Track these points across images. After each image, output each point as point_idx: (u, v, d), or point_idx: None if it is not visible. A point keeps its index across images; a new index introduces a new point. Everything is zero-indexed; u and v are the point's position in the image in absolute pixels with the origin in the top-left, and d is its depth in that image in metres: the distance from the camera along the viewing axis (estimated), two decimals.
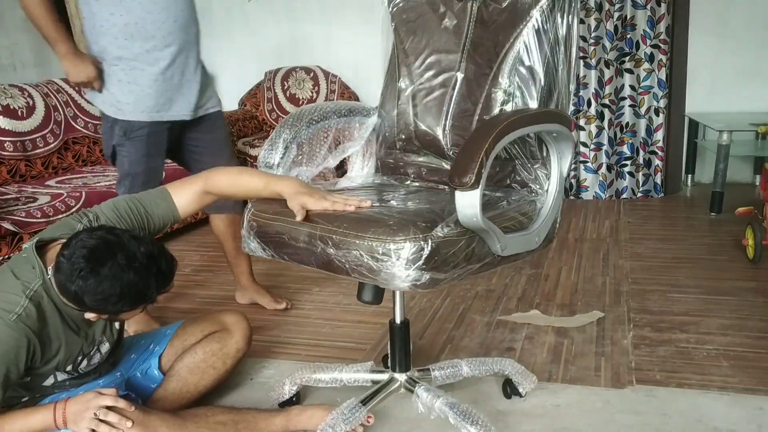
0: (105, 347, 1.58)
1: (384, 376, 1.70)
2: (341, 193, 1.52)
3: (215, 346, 1.73)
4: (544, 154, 1.55)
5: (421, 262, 1.24)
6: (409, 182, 1.75)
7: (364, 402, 1.58)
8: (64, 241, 1.38)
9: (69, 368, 1.50)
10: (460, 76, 1.67)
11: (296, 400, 1.79)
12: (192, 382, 1.70)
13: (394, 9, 1.81)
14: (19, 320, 1.34)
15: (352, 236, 1.30)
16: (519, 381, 1.76)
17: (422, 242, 1.25)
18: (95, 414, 1.38)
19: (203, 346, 1.73)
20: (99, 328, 1.54)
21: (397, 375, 1.67)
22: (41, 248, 1.44)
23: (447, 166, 1.69)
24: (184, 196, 1.60)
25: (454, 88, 1.68)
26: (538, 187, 1.55)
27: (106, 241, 1.34)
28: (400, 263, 1.24)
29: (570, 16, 1.54)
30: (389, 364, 1.70)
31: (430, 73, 1.72)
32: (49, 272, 1.38)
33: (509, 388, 1.78)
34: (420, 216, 1.34)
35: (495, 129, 1.28)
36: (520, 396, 1.76)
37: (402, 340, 1.66)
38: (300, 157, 1.66)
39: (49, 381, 1.50)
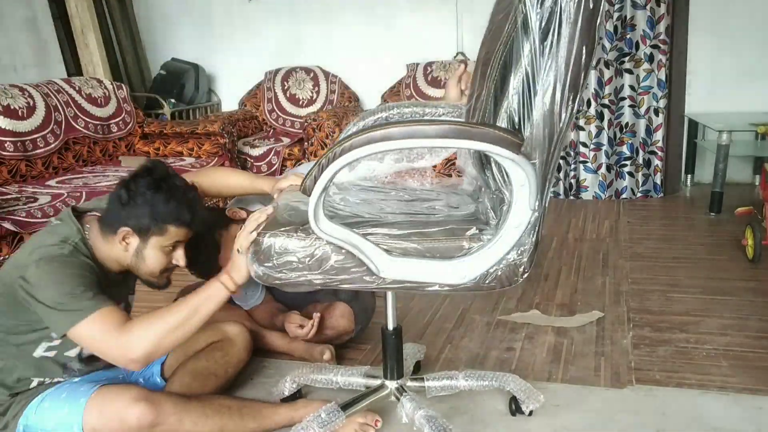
0: None
1: (375, 382, 1.69)
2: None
3: (218, 354, 1.77)
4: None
5: (258, 255, 1.33)
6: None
7: (344, 407, 1.57)
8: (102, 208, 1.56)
9: None
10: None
11: (298, 396, 1.81)
12: (195, 388, 1.70)
13: (495, 8, 1.52)
14: (72, 254, 1.45)
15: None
16: (522, 399, 1.67)
17: (265, 237, 1.32)
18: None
19: (206, 354, 1.76)
20: (119, 294, 1.60)
21: (388, 382, 1.65)
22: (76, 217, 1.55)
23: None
24: None
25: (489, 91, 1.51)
26: (487, 217, 1.37)
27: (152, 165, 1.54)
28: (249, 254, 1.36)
29: (563, 20, 1.17)
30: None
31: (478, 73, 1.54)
32: (86, 232, 1.51)
33: (513, 405, 1.70)
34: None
35: (340, 144, 1.17)
36: (524, 414, 1.69)
37: (394, 347, 1.63)
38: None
39: (70, 355, 1.55)
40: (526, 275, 1.33)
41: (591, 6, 1.17)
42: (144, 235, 1.50)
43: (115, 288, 1.57)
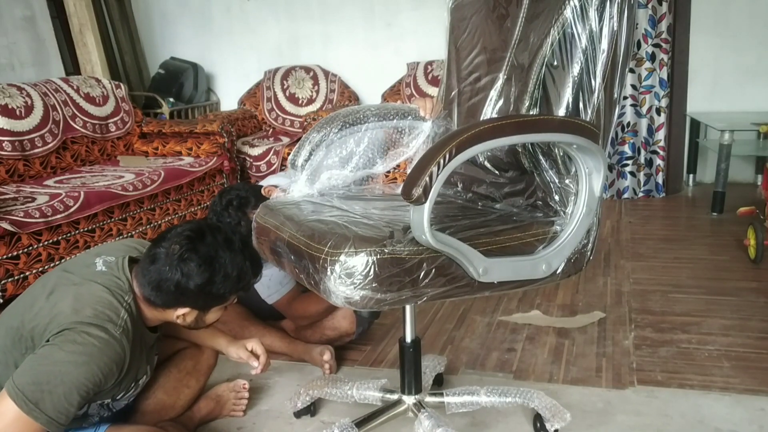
0: (143, 380, 1.53)
1: (392, 397, 1.63)
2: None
3: (189, 364, 1.69)
4: (574, 170, 1.33)
5: (352, 279, 1.14)
6: (453, 192, 1.61)
7: (359, 424, 1.51)
8: (149, 245, 1.41)
9: (120, 396, 1.45)
10: (501, 78, 1.48)
11: (313, 409, 1.77)
12: (169, 404, 1.65)
13: (454, 4, 1.66)
14: (123, 334, 1.31)
15: (303, 245, 1.25)
16: (547, 416, 1.59)
17: (354, 257, 1.14)
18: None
19: (177, 364, 1.68)
20: (149, 357, 1.50)
21: (405, 397, 1.58)
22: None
23: (483, 177, 1.54)
24: None
25: (492, 92, 1.51)
26: (559, 206, 1.34)
27: (203, 225, 1.39)
28: (333, 278, 1.16)
29: (615, 8, 1.28)
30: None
31: (476, 74, 1.57)
32: (134, 288, 1.38)
33: (538, 423, 1.63)
34: (380, 230, 1.22)
35: (454, 140, 1.10)
36: None
37: (412, 360, 1.55)
38: (330, 159, 1.58)
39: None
40: (590, 260, 1.38)
41: None
42: (205, 309, 1.43)
43: (146, 354, 1.46)
